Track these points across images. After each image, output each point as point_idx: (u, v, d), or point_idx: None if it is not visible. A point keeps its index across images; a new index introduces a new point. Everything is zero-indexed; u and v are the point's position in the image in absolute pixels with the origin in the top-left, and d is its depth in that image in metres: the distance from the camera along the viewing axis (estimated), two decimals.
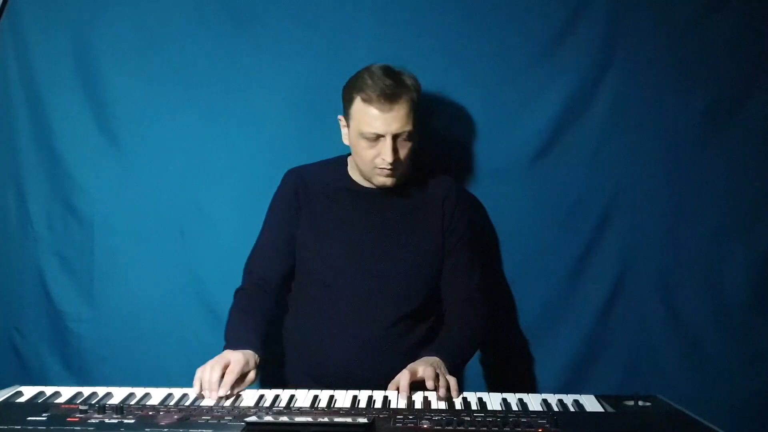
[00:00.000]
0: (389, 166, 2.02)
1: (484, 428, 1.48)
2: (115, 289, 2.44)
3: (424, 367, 1.81)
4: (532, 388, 2.36)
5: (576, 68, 2.33)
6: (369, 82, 2.00)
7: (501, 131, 2.35)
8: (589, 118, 2.34)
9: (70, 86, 2.41)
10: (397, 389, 1.78)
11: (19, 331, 2.50)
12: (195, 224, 2.41)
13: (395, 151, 2.01)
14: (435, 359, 1.89)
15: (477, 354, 2.38)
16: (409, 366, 1.85)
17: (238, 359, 1.81)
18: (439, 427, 1.48)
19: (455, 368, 1.92)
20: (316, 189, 2.16)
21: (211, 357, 1.83)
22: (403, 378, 1.78)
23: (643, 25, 2.31)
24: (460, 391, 1.79)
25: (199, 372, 1.79)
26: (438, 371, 1.81)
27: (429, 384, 1.76)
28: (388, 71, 2.03)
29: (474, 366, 2.38)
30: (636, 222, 2.35)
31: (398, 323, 2.07)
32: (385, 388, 1.80)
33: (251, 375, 1.84)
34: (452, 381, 1.80)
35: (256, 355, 1.88)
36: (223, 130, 2.39)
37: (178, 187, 2.41)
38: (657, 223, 2.35)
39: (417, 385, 1.79)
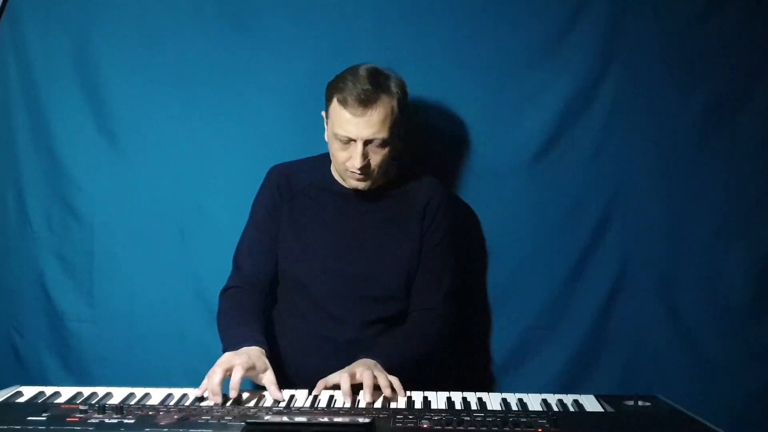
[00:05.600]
0: (358, 171, 2.00)
1: (484, 428, 1.48)
2: (115, 289, 2.44)
3: (361, 370, 1.76)
4: (532, 388, 2.36)
5: (576, 68, 2.32)
6: (349, 83, 1.96)
7: (501, 131, 2.35)
8: (589, 118, 2.34)
9: (70, 86, 2.42)
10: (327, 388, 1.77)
11: (19, 331, 2.50)
12: (195, 224, 2.41)
13: (365, 156, 1.98)
14: (371, 361, 1.84)
15: (476, 354, 2.39)
16: (346, 368, 1.80)
17: (242, 361, 1.74)
18: (439, 427, 1.48)
19: (391, 372, 1.81)
20: (299, 187, 2.13)
21: (211, 357, 1.81)
22: (343, 381, 1.73)
23: (643, 25, 2.31)
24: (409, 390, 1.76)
25: (205, 381, 1.73)
26: (375, 372, 1.76)
27: (367, 396, 1.70)
28: (373, 74, 1.99)
29: (474, 366, 2.38)
30: (636, 222, 2.35)
31: (374, 325, 2.05)
32: (360, 391, 1.75)
33: (268, 376, 1.77)
34: (394, 380, 1.76)
35: (263, 350, 1.83)
36: (222, 129, 2.39)
37: (178, 187, 2.41)
38: (657, 223, 2.34)
39: (357, 387, 1.75)
